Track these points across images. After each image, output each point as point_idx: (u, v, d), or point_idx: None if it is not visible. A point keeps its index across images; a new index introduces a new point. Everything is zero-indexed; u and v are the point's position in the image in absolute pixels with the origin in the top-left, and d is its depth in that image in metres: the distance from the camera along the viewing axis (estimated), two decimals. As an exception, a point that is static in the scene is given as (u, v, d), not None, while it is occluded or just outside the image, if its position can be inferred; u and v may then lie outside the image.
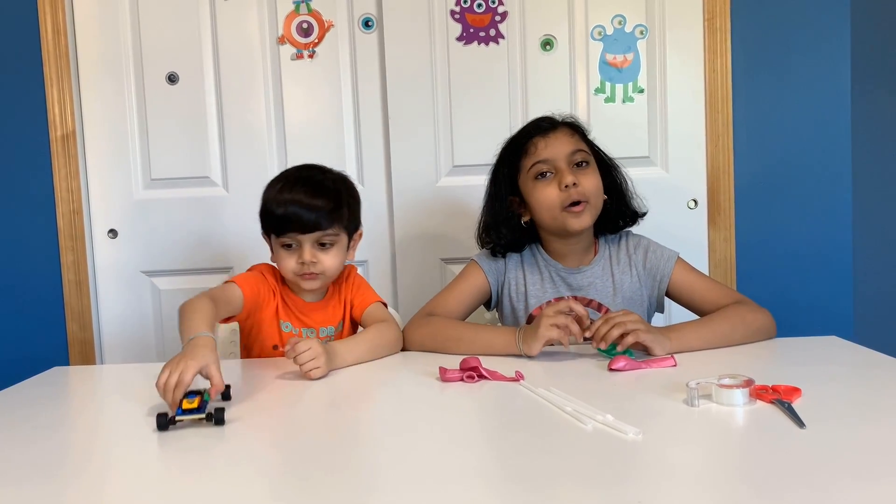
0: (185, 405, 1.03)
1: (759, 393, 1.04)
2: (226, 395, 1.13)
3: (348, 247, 1.52)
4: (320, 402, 1.17)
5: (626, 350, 1.28)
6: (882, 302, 2.16)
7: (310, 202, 1.42)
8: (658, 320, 1.64)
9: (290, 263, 1.46)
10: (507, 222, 1.55)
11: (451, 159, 2.17)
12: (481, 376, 1.21)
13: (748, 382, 1.04)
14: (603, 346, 1.29)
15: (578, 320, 1.32)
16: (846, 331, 2.18)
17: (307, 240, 1.44)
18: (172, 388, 1.06)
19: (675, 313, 1.69)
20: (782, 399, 1.01)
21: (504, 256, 1.58)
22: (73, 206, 2.14)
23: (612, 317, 1.31)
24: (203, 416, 1.02)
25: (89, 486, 0.84)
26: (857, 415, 0.98)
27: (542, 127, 1.52)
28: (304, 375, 1.26)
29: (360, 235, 1.58)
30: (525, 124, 1.57)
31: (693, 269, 1.56)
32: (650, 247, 1.57)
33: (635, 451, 0.87)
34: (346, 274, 1.59)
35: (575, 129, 1.55)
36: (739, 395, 1.02)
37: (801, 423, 0.93)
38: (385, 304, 1.59)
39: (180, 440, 0.97)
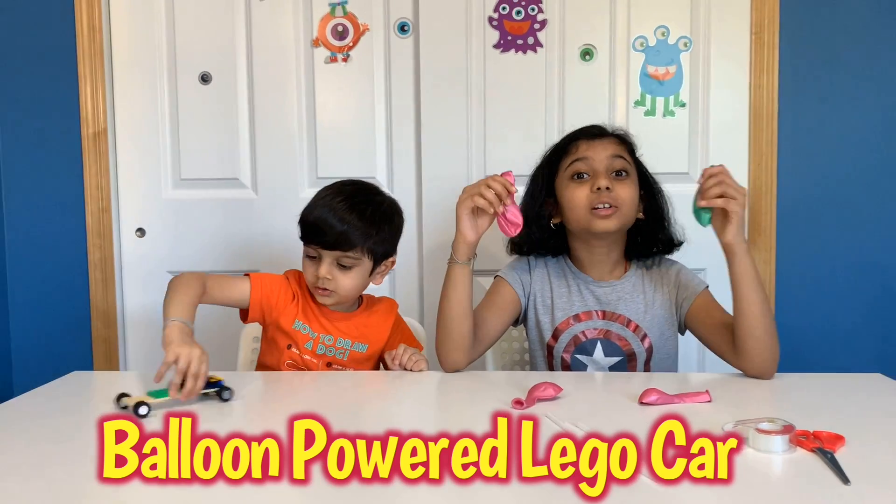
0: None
1: (800, 440, 0.98)
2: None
3: (373, 271, 1.50)
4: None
5: (708, 213, 1.31)
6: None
7: (341, 215, 1.42)
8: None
9: (309, 273, 1.48)
10: (538, 221, 1.52)
11: (483, 168, 2.12)
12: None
13: (788, 428, 0.97)
14: (703, 203, 1.29)
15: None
16: (889, 365, 2.08)
17: (327, 256, 1.44)
18: (193, 376, 1.16)
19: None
20: (824, 448, 0.95)
21: (528, 254, 1.56)
22: (102, 204, 2.13)
23: (724, 180, 1.29)
24: (215, 390, 1.20)
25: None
26: (906, 470, 0.91)
27: (590, 132, 1.51)
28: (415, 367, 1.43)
29: (393, 263, 1.56)
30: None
31: (718, 303, 1.49)
32: (682, 270, 1.54)
33: (664, 498, 0.82)
34: (390, 308, 1.60)
35: (623, 141, 1.51)
36: (779, 441, 0.96)
37: (845, 479, 0.86)
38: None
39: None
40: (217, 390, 1.20)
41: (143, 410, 1.12)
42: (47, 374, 1.41)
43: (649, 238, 1.52)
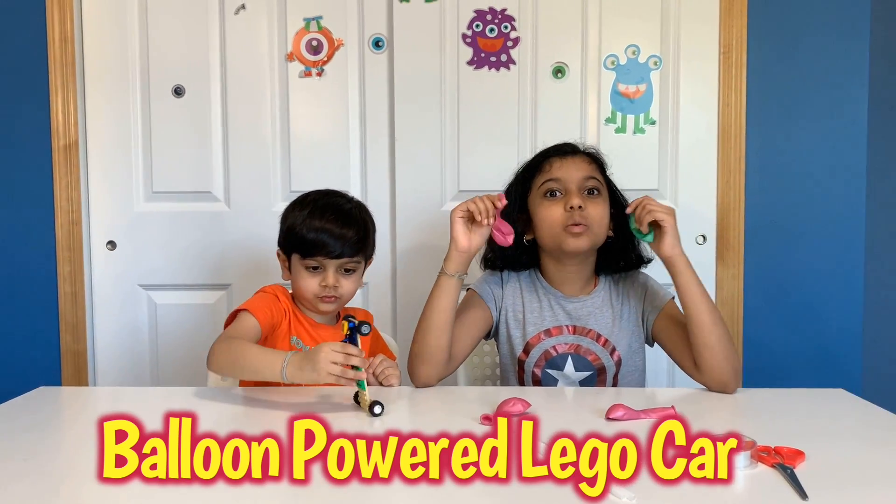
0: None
1: (761, 455, 1.00)
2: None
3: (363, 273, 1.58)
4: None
5: (650, 232, 1.40)
6: (892, 351, 2.11)
7: (340, 231, 1.48)
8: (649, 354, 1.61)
9: (311, 285, 1.50)
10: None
11: (456, 183, 2.14)
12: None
13: (750, 444, 0.99)
14: (643, 230, 1.39)
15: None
16: (853, 380, 2.13)
17: (332, 265, 1.49)
18: (350, 357, 1.19)
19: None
20: (784, 464, 0.97)
21: (501, 271, 1.58)
22: (72, 217, 2.11)
23: (648, 204, 1.38)
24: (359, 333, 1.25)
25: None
26: (863, 484, 0.93)
27: (562, 150, 1.53)
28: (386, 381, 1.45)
29: (371, 261, 1.61)
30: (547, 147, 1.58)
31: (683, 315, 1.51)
32: (649, 281, 1.57)
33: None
34: (366, 318, 1.61)
35: (595, 160, 1.54)
36: (741, 457, 0.97)
37: (803, 494, 0.88)
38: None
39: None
40: (356, 329, 1.25)
41: (377, 410, 1.20)
42: (14, 387, 1.40)
43: (618, 255, 1.54)
